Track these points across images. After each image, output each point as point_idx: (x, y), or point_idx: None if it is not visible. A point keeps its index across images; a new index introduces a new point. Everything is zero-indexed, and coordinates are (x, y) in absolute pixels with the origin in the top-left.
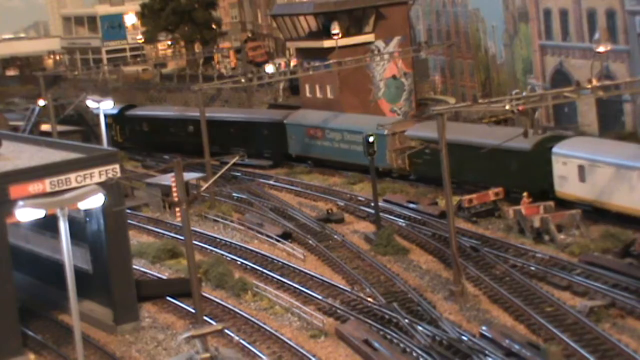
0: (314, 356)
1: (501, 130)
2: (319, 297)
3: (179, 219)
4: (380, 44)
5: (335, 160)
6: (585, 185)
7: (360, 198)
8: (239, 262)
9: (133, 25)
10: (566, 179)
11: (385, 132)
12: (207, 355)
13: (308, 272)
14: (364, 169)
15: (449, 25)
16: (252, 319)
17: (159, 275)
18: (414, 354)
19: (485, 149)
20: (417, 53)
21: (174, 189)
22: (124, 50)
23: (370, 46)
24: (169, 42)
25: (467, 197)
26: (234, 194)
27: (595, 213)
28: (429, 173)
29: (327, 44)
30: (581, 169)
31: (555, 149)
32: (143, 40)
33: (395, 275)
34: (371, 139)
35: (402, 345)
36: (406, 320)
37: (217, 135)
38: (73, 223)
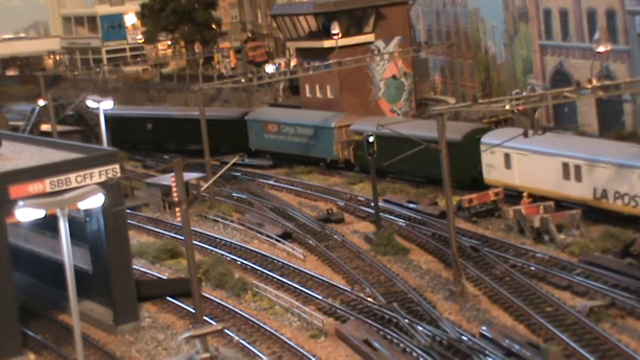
0: (314, 356)
1: (430, 124)
2: (319, 297)
3: (179, 219)
4: (380, 44)
5: (290, 153)
6: (511, 171)
7: (360, 198)
8: (239, 262)
9: (133, 25)
10: (493, 166)
11: (333, 125)
12: (207, 355)
13: (308, 272)
14: (314, 161)
15: (449, 25)
16: (252, 319)
17: (159, 275)
18: (414, 354)
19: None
20: (417, 53)
21: (174, 189)
22: (124, 50)
23: (370, 46)
24: (169, 42)
25: (467, 197)
26: (234, 194)
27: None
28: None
29: (327, 44)
30: (507, 157)
31: (483, 139)
32: (143, 40)
33: (395, 275)
34: (371, 139)
35: (402, 345)
36: (406, 320)
37: (173, 132)
38: (73, 223)
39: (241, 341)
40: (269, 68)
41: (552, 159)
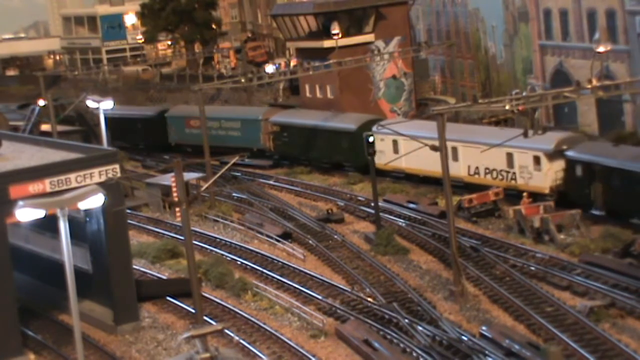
0: (314, 356)
1: (337, 116)
2: (319, 297)
3: (179, 219)
4: (380, 44)
5: (214, 145)
6: (398, 156)
7: (360, 198)
8: (239, 262)
9: (133, 25)
10: (384, 152)
11: (260, 117)
12: (207, 355)
13: (308, 272)
14: (239, 151)
15: (449, 25)
16: (252, 319)
17: (159, 275)
18: (414, 354)
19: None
20: (417, 53)
21: (174, 189)
22: (124, 50)
23: (370, 46)
24: (169, 42)
25: (467, 197)
26: (234, 194)
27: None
28: (286, 151)
29: (327, 44)
30: (395, 143)
31: (374, 128)
32: (143, 40)
33: (395, 275)
34: (371, 139)
35: (402, 345)
36: (406, 320)
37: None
38: (73, 223)
39: (241, 341)
40: (269, 68)
41: (433, 142)
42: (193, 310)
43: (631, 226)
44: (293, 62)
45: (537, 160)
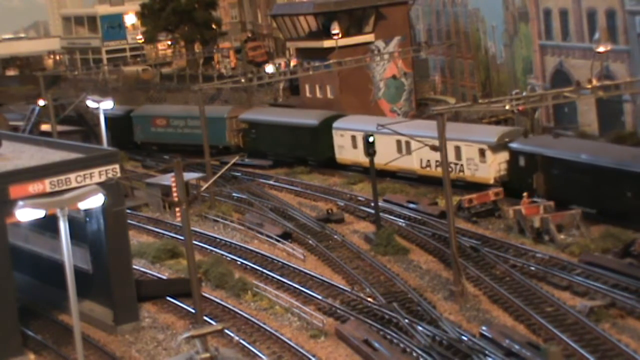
0: (314, 356)
1: (297, 112)
2: (319, 297)
3: (179, 219)
4: (380, 44)
5: (179, 144)
6: (357, 150)
7: (360, 198)
8: (239, 262)
9: (133, 25)
10: (343, 147)
11: (225, 116)
12: (207, 355)
13: (308, 272)
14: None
15: (449, 25)
16: (252, 319)
17: (159, 275)
18: (414, 354)
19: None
20: (417, 53)
21: (174, 189)
22: (124, 50)
23: (370, 46)
24: (169, 42)
25: (467, 197)
26: (234, 194)
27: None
28: (255, 148)
29: (327, 44)
30: (353, 138)
31: (334, 124)
32: (143, 40)
33: (395, 276)
34: (371, 139)
35: (402, 345)
36: (406, 320)
37: None
38: (73, 223)
39: (241, 341)
40: (269, 68)
41: (388, 137)
42: (193, 310)
43: (631, 226)
44: (293, 62)
45: (482, 152)
